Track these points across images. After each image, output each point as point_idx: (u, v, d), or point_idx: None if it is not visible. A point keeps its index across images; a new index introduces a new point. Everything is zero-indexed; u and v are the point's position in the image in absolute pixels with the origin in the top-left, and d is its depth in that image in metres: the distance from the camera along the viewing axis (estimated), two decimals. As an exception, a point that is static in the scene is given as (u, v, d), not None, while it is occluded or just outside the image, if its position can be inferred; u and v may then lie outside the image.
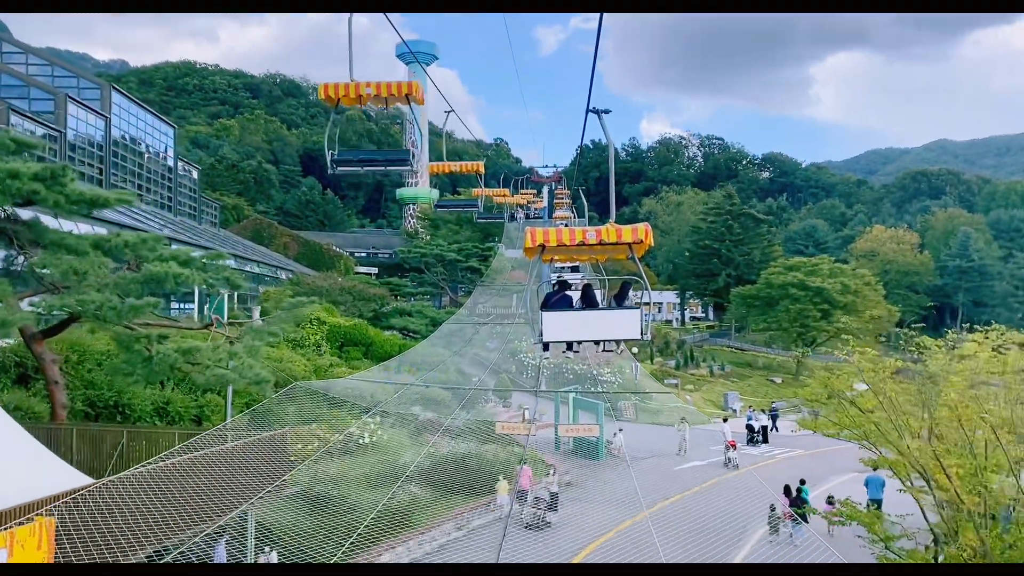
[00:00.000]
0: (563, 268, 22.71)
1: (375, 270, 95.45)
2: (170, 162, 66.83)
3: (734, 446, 29.69)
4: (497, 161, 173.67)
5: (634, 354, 46.19)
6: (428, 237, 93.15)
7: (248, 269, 61.00)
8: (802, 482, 21.70)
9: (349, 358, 37.52)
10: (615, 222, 10.14)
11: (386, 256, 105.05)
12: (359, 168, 14.43)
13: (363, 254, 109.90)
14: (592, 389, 42.72)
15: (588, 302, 11.22)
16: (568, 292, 11.34)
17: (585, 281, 12.66)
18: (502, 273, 69.76)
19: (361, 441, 24.13)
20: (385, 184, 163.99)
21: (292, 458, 18.72)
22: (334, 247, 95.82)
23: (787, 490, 21.18)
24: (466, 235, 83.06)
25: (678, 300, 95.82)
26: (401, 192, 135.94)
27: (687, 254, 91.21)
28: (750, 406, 49.81)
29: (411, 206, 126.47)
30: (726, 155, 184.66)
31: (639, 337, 10.14)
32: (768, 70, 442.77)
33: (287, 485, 17.43)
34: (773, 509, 20.20)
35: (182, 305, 42.00)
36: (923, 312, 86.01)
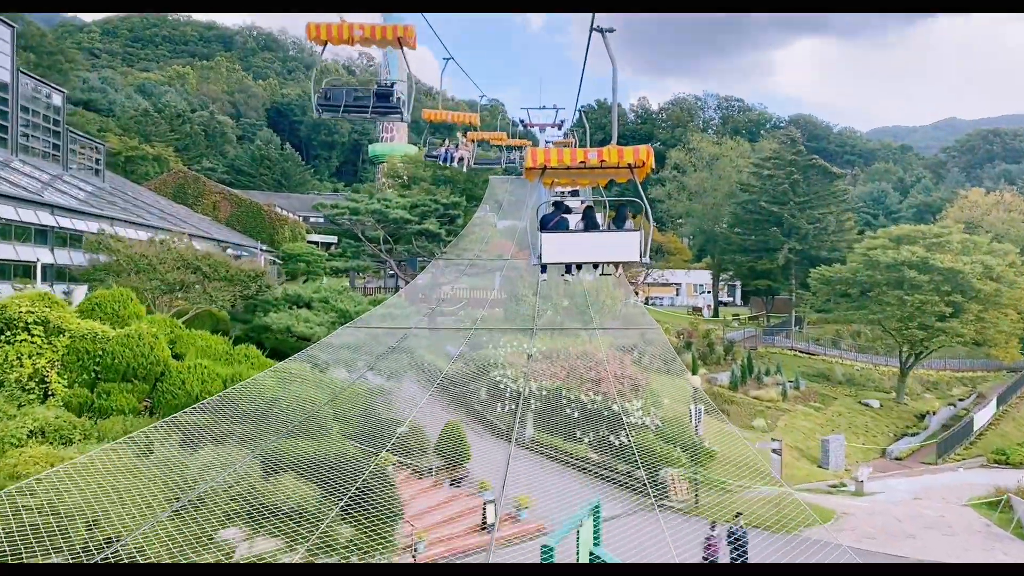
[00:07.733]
0: (563, 192, 19.45)
1: (333, 238, 77.47)
2: (5, 77, 46.50)
3: None
4: (492, 122, 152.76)
5: (695, 387, 25.88)
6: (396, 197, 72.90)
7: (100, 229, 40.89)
8: None
9: (110, 407, 17.39)
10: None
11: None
12: (343, 115, 13.77)
13: (321, 219, 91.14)
14: (613, 440, 24.30)
15: (589, 224, 10.86)
16: (564, 215, 11.06)
17: (587, 204, 12.06)
18: (483, 244, 49.45)
19: None
20: (362, 144, 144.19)
21: None
22: (276, 208, 76.11)
23: None
24: (444, 195, 63.20)
25: (711, 282, 74.40)
26: (374, 148, 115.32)
27: (730, 221, 69.31)
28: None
29: (384, 165, 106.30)
30: (747, 117, 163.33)
31: (637, 259, 9.82)
32: (735, 55, 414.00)
33: None
34: None
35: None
36: None
